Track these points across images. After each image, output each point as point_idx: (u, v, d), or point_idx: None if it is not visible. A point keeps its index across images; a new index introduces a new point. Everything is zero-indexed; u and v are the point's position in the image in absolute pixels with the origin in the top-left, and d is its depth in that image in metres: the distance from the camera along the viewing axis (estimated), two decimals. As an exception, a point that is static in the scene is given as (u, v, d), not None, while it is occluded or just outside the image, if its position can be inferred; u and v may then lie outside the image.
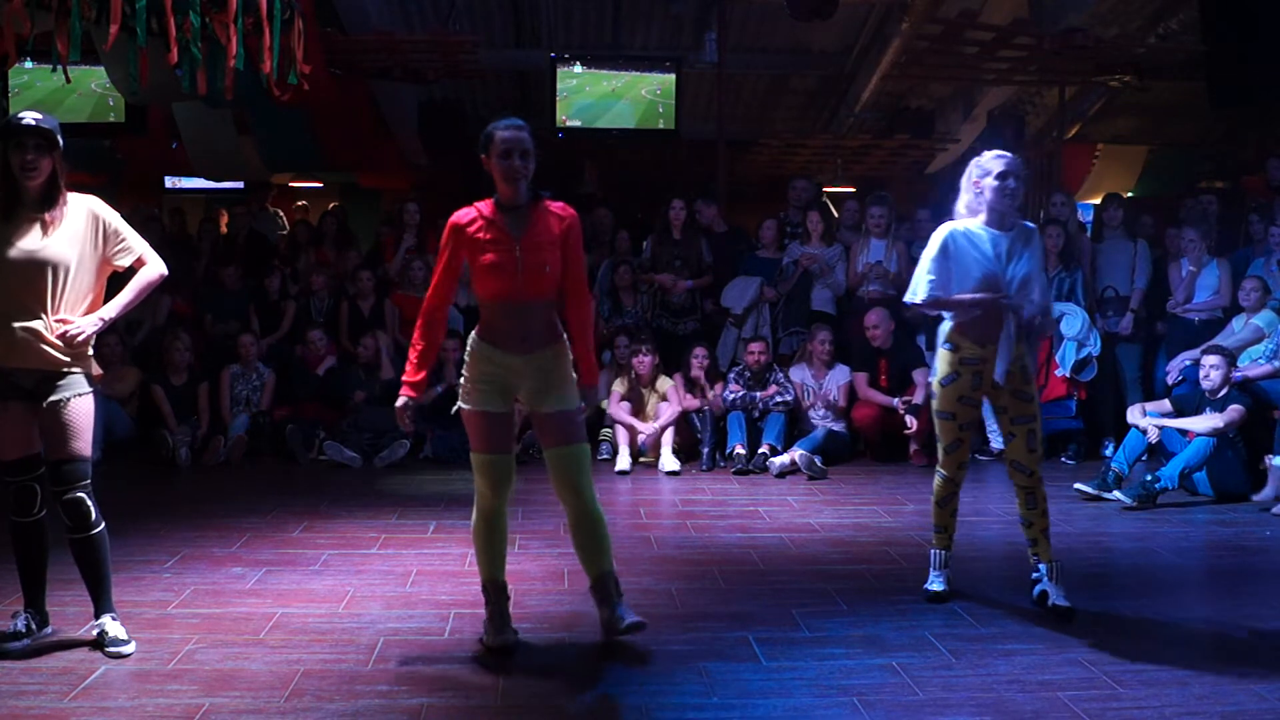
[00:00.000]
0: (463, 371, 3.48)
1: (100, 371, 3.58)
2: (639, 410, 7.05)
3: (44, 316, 3.35)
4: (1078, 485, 5.99)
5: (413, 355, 3.49)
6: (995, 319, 3.81)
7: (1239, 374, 6.15)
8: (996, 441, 7.27)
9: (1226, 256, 7.21)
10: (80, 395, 3.41)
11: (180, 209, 10.76)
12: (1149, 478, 5.75)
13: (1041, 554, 3.93)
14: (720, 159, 9.50)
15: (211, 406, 7.15)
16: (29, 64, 8.25)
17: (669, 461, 6.66)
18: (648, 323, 7.75)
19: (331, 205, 10.60)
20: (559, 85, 9.51)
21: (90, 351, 3.49)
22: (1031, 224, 3.97)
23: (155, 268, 3.55)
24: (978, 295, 3.81)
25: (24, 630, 3.42)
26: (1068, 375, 7.01)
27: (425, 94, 11.05)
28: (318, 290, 8.07)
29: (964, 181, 3.95)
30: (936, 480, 4.11)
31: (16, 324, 3.31)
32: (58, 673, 3.23)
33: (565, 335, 3.51)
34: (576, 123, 9.56)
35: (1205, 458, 5.79)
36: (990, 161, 3.85)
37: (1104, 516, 5.55)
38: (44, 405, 3.37)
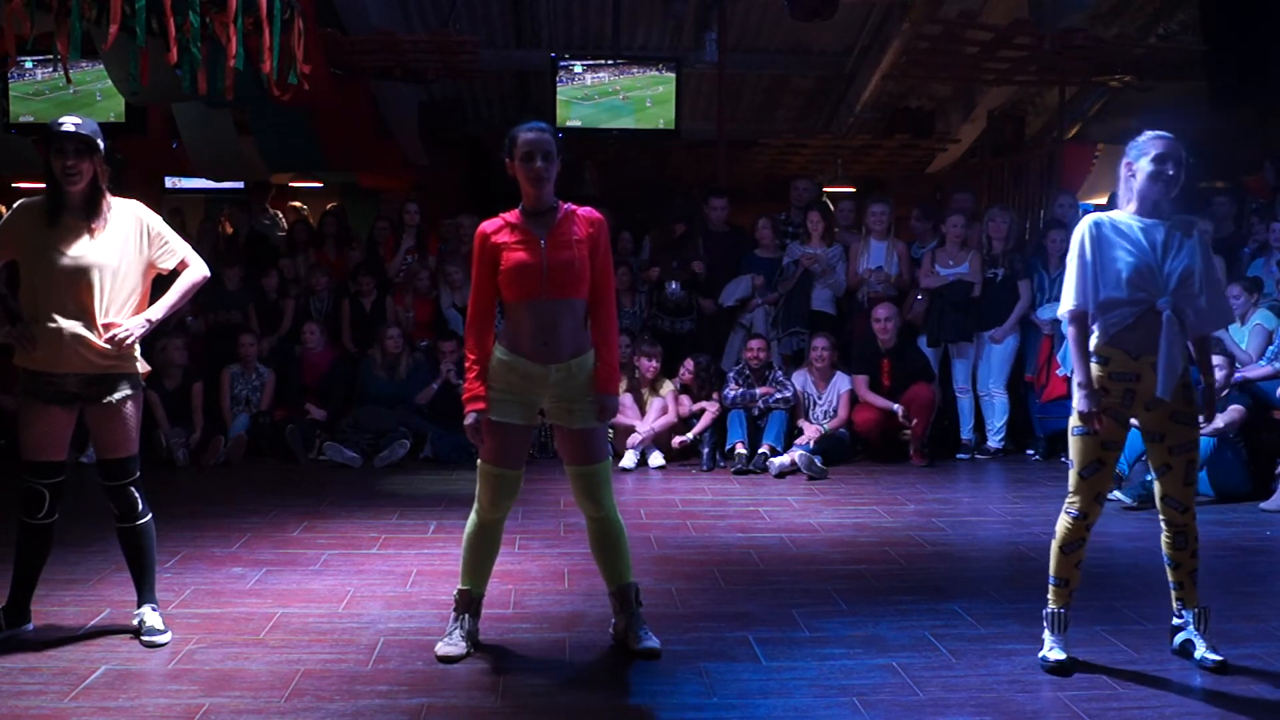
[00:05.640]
0: (489, 381, 3.38)
1: (148, 369, 3.62)
2: (638, 409, 7.07)
3: (90, 320, 3.38)
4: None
5: (470, 371, 3.38)
6: (1152, 324, 3.24)
7: (1239, 374, 6.15)
8: (994, 441, 7.28)
9: (1222, 255, 7.18)
10: (128, 395, 3.48)
11: (180, 209, 10.75)
12: (1149, 478, 5.68)
13: (1187, 599, 3.44)
14: (720, 159, 9.50)
15: (211, 406, 7.14)
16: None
17: (656, 458, 6.83)
18: (646, 324, 7.76)
19: (330, 205, 10.60)
20: (559, 85, 9.52)
21: (137, 352, 3.52)
22: (1193, 216, 3.40)
23: (198, 270, 3.63)
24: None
25: None
26: (1068, 375, 7.01)
27: (425, 94, 11.03)
28: (318, 290, 8.06)
29: (1120, 169, 3.40)
30: (1064, 521, 3.46)
31: (64, 329, 3.35)
32: (58, 673, 3.23)
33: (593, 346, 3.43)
34: (577, 123, 9.56)
35: (1205, 458, 5.79)
36: (1147, 142, 3.31)
37: (1104, 516, 5.43)
38: (92, 406, 3.43)
